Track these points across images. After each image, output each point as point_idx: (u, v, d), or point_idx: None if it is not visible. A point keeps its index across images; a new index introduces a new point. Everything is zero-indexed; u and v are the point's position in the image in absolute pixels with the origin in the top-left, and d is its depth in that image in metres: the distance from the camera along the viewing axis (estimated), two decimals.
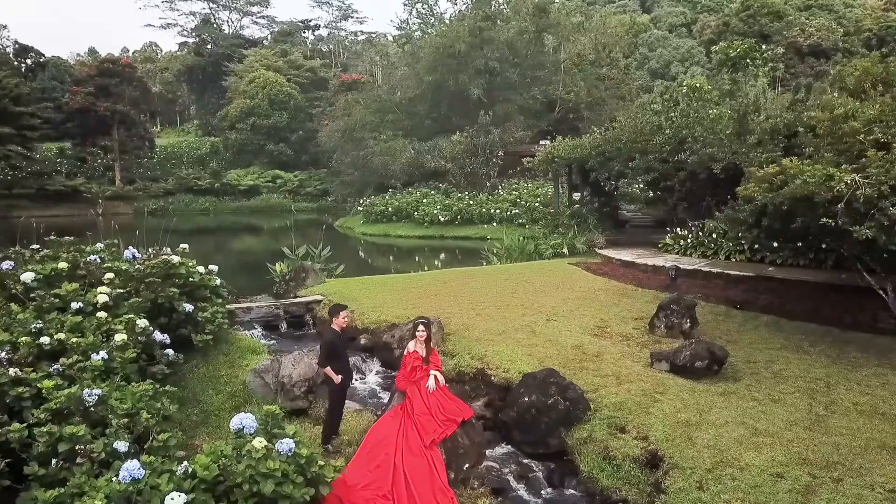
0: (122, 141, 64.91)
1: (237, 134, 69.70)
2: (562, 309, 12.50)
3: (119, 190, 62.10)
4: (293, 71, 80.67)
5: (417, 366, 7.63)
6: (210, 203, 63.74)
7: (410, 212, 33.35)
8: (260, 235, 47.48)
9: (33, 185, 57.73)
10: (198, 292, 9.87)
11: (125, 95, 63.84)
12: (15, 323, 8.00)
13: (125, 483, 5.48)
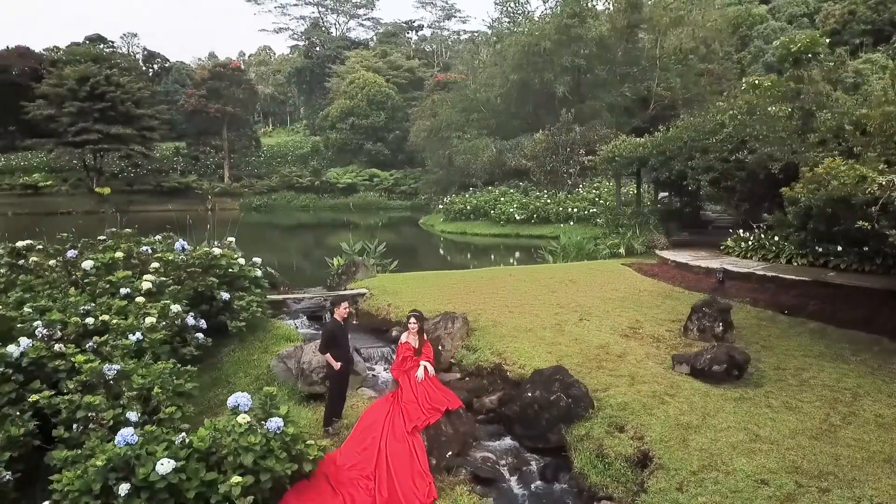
0: (231, 140, 68.91)
1: (337, 133, 72.27)
2: (598, 309, 12.48)
3: (227, 187, 66.00)
4: (392, 71, 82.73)
5: (408, 356, 8.01)
6: (310, 200, 66.50)
7: (487, 210, 33.67)
8: (355, 232, 48.90)
9: (151, 181, 62.50)
10: (237, 282, 10.67)
11: (234, 97, 67.68)
12: (69, 305, 9.02)
13: (121, 447, 6.16)
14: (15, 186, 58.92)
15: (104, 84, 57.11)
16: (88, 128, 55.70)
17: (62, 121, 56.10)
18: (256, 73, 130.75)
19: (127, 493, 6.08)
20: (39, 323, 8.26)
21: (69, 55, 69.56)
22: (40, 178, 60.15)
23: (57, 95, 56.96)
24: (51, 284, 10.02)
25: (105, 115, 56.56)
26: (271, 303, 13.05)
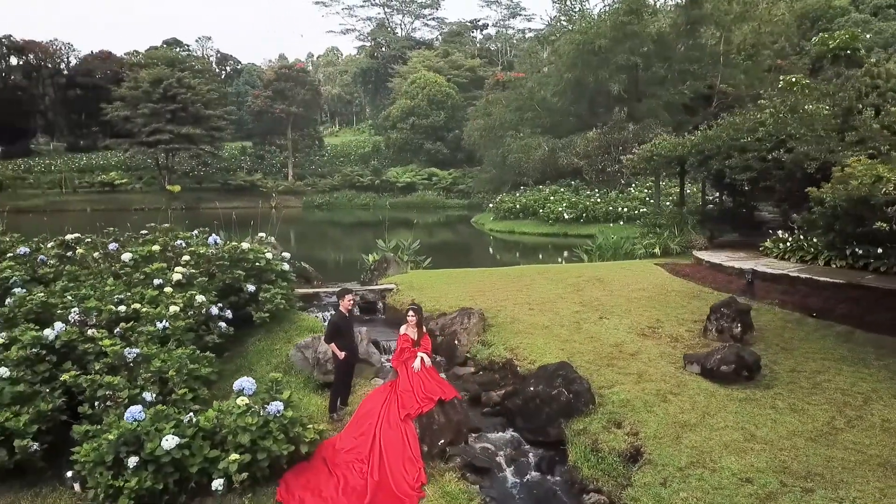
0: (295, 140, 70.84)
1: (398, 133, 73.24)
2: (620, 308, 12.52)
3: (291, 185, 67.88)
4: (453, 71, 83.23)
5: (407, 347, 8.35)
6: (370, 199, 67.63)
7: (536, 209, 33.66)
8: (413, 230, 49.28)
9: (219, 179, 64.96)
10: (264, 275, 11.25)
11: (298, 98, 69.53)
12: (106, 293, 9.76)
13: (130, 423, 6.73)
14: (94, 184, 62.30)
15: (176, 86, 59.70)
16: (161, 128, 58.36)
17: (137, 122, 59.00)
18: (324, 73, 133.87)
19: (135, 465, 6.66)
20: (77, 309, 8.99)
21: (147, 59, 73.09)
22: (117, 176, 63.39)
23: (133, 97, 59.91)
24: (94, 275, 10.84)
25: (176, 116, 59.14)
26: (304, 296, 13.65)
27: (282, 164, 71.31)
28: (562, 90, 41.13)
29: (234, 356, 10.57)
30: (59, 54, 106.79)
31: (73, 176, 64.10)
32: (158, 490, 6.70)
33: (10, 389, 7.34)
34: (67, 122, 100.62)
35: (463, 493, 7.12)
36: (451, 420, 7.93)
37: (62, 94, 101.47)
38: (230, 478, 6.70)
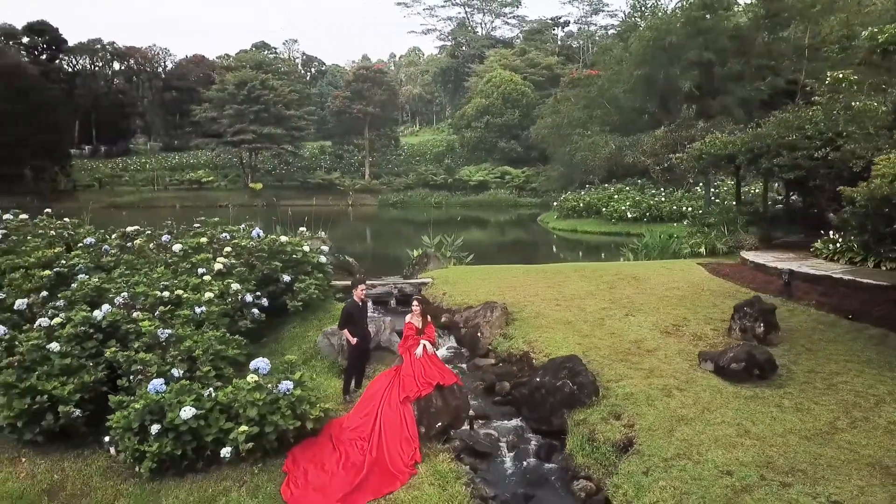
0: (372, 140, 72.55)
1: (472, 132, 73.79)
2: (649, 305, 12.58)
3: (367, 184, 69.66)
4: (529, 69, 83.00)
5: (411, 335, 8.84)
6: (442, 197, 68.42)
7: (600, 208, 33.42)
8: (486, 228, 49.39)
9: (299, 178, 67.44)
10: (300, 267, 12.00)
11: (376, 98, 71.19)
12: (154, 280, 10.73)
13: (153, 394, 7.53)
14: (183, 181, 66.00)
15: (259, 88, 62.43)
16: (244, 128, 61.20)
17: (223, 122, 62.10)
18: (406, 73, 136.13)
19: (157, 432, 7.45)
20: (125, 293, 9.97)
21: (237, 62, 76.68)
22: (204, 174, 66.90)
23: (219, 99, 63.11)
24: (149, 263, 11.89)
25: (259, 117, 61.85)
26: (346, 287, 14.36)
27: (359, 163, 73.25)
28: (631, 87, 40.57)
29: (270, 341, 11.38)
30: (156, 59, 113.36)
31: (165, 174, 68.11)
32: (177, 455, 7.48)
33: (59, 362, 8.30)
34: (164, 123, 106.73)
35: (452, 473, 7.55)
36: (449, 404, 8.37)
37: (159, 97, 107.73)
38: (238, 447, 7.40)
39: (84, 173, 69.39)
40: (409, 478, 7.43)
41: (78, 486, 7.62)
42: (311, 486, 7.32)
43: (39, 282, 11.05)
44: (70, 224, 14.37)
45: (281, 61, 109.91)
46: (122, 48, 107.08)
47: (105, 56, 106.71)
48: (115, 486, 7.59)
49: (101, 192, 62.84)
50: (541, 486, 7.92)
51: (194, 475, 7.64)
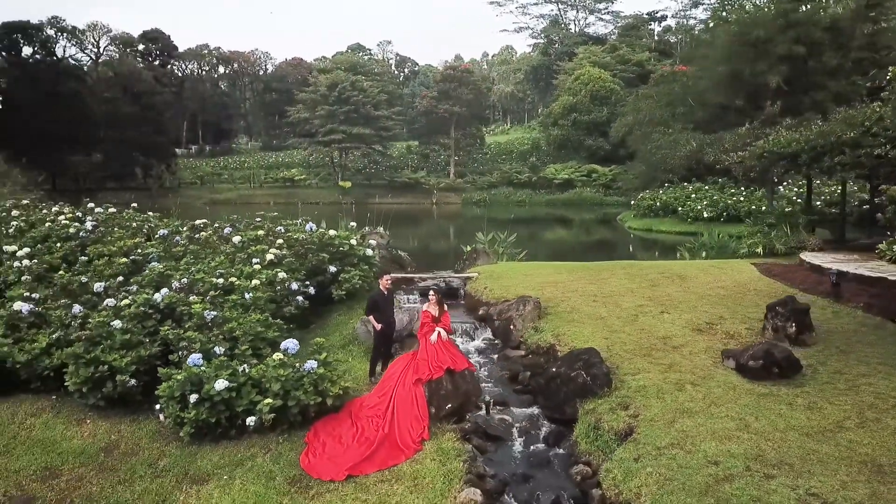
0: (458, 139, 73.45)
1: (559, 130, 73.36)
2: (687, 304, 12.61)
3: (452, 182, 70.63)
4: (620, 66, 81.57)
5: (427, 322, 9.41)
6: (526, 196, 68.38)
7: (676, 207, 32.73)
8: (570, 228, 48.94)
9: (385, 177, 69.25)
10: (347, 259, 12.82)
11: (462, 98, 72.01)
12: (212, 268, 11.82)
13: (191, 367, 8.47)
14: (278, 179, 69.21)
15: (349, 89, 64.64)
16: (335, 128, 63.54)
17: (314, 123, 64.67)
18: (498, 72, 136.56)
19: (195, 401, 8.38)
20: (185, 279, 11.09)
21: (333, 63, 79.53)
22: (297, 173, 69.93)
23: (312, 101, 65.76)
24: (213, 253, 13.04)
25: (349, 118, 64.04)
26: (399, 279, 15.13)
27: (445, 162, 74.36)
28: (716, 84, 39.38)
29: (317, 327, 12.28)
30: (258, 62, 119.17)
31: (261, 172, 71.67)
32: (212, 422, 8.41)
33: (121, 337, 9.42)
34: (264, 123, 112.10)
35: (454, 451, 8.09)
36: (459, 388, 8.89)
37: (259, 99, 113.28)
38: (262, 417, 8.23)
39: (187, 171, 74.07)
40: (414, 453, 8.03)
41: (130, 446, 8.69)
42: (327, 456, 8.05)
43: (118, 268, 12.39)
44: (151, 217, 15.84)
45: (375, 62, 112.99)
46: (226, 53, 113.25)
47: (211, 60, 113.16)
48: (161, 447, 8.61)
49: (203, 188, 66.93)
50: (542, 469, 8.34)
51: (227, 441, 8.55)
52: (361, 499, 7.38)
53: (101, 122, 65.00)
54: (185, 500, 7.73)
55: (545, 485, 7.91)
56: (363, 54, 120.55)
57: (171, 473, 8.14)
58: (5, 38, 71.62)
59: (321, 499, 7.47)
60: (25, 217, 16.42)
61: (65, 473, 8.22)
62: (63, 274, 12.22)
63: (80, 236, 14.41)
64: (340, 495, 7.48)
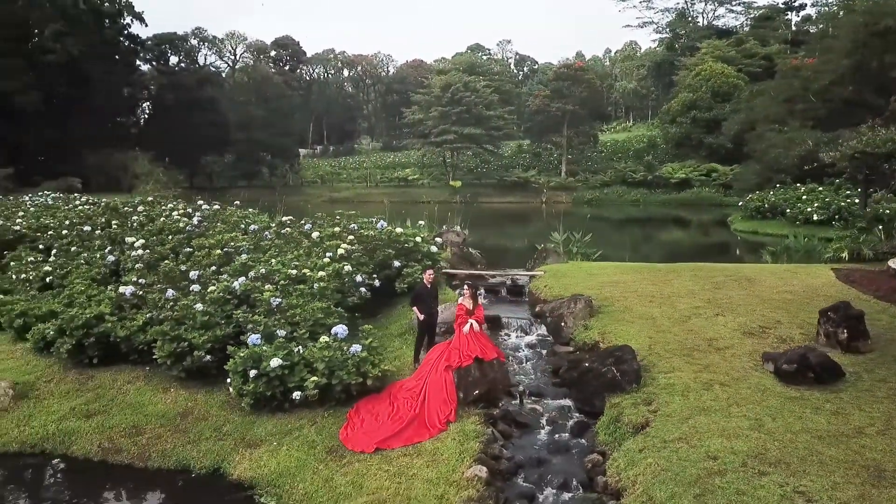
0: (570, 137, 72.91)
1: (677, 128, 71.10)
2: (745, 307, 12.47)
3: (563, 181, 70.19)
4: (745, 60, 77.67)
5: (461, 314, 10.08)
6: (640, 195, 66.73)
7: (785, 209, 31.16)
8: (687, 229, 47.31)
9: (495, 176, 70.01)
10: (411, 255, 13.74)
11: (575, 96, 71.37)
12: (288, 261, 13.12)
13: (252, 346, 9.68)
14: (393, 179, 71.81)
15: (462, 90, 65.90)
16: (447, 129, 64.99)
17: (428, 123, 66.51)
18: (620, 68, 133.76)
19: (254, 376, 9.56)
20: (262, 269, 12.43)
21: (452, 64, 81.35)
22: (410, 173, 72.20)
23: (426, 102, 67.67)
24: (296, 247, 14.38)
25: (461, 118, 65.30)
26: (468, 276, 15.90)
27: (557, 161, 74.06)
28: (839, 78, 36.96)
29: (382, 316, 13.29)
30: (380, 65, 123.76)
31: (377, 172, 74.60)
32: (268, 395, 9.56)
33: (200, 318, 10.82)
34: (385, 124, 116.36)
35: (474, 432, 8.77)
36: (487, 376, 9.53)
37: (381, 100, 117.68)
38: (306, 393, 9.29)
39: (309, 171, 78.42)
40: (438, 432, 8.79)
41: (202, 412, 10.05)
42: (363, 431, 8.99)
43: (213, 259, 14.00)
44: (250, 214, 17.53)
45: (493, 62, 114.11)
46: (351, 56, 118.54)
47: (337, 64, 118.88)
48: (226, 415, 9.90)
49: (323, 187, 70.61)
50: (559, 455, 8.84)
51: (281, 413, 9.69)
52: (384, 468, 8.24)
53: (233, 124, 70.15)
54: (240, 460, 8.93)
55: (558, 470, 8.42)
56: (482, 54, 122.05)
57: (231, 437, 9.40)
58: (155, 49, 78.86)
59: (350, 467, 8.40)
60: (147, 212, 18.64)
61: (147, 432, 9.68)
62: (168, 263, 13.99)
63: (187, 230, 16.27)
64: (367, 465, 8.38)
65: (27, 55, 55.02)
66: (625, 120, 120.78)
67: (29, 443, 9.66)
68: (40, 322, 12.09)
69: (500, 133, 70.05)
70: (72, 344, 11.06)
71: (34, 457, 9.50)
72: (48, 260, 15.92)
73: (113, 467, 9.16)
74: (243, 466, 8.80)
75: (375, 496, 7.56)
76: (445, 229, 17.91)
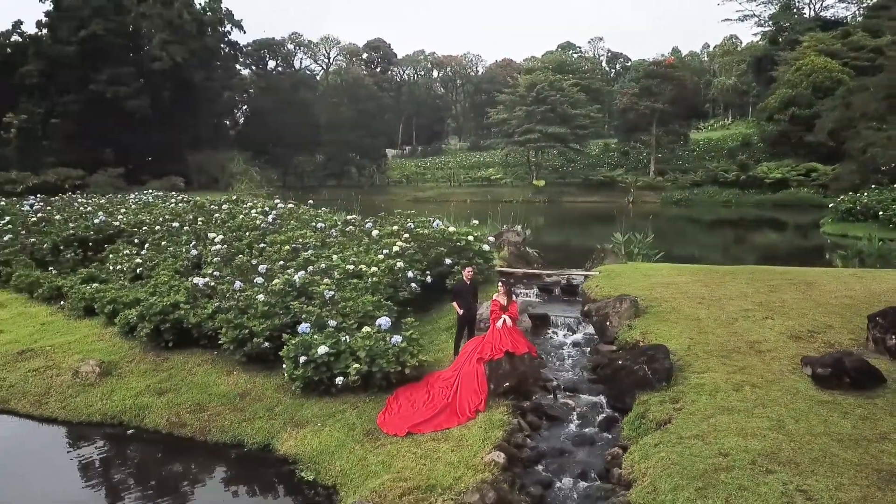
0: (659, 136, 71.31)
1: (774, 125, 68.20)
2: (796, 311, 12.26)
3: (650, 181, 68.85)
4: (851, 53, 73.40)
5: (496, 310, 10.50)
6: (732, 195, 64.45)
7: (877, 211, 29.51)
8: (782, 232, 45.39)
9: (580, 175, 69.47)
10: (463, 253, 14.28)
11: (664, 94, 69.77)
12: (347, 257, 13.95)
13: (302, 334, 10.51)
14: (476, 179, 72.58)
15: (547, 90, 65.86)
16: (531, 128, 65.17)
17: (512, 123, 66.84)
18: (720, 64, 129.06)
19: (303, 361, 10.38)
20: (323, 264, 13.32)
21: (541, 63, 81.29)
22: (493, 172, 72.71)
23: (511, 102, 68.00)
24: (357, 244, 15.24)
25: (545, 117, 65.29)
26: (525, 275, 16.31)
27: (646, 160, 72.62)
28: None
29: (434, 310, 13.93)
30: (469, 65, 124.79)
31: (461, 171, 75.55)
32: (315, 380, 10.36)
33: (261, 308, 11.77)
34: (474, 124, 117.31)
35: (500, 422, 9.22)
36: (517, 369, 9.94)
37: (470, 100, 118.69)
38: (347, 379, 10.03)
39: (395, 171, 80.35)
40: (466, 420, 9.31)
41: (258, 394, 10.98)
42: (398, 416, 9.63)
43: (282, 254, 15.05)
44: (321, 213, 18.59)
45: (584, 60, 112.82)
46: (440, 57, 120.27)
47: (426, 65, 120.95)
48: (279, 397, 10.78)
49: (408, 186, 72.38)
50: (583, 447, 9.16)
51: (328, 397, 10.47)
52: (413, 451, 8.83)
53: (324, 125, 72.95)
54: (287, 438, 9.77)
55: (579, 461, 8.76)
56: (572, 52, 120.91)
57: (281, 418, 10.26)
58: (254, 54, 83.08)
59: (383, 448, 9.05)
60: (229, 210, 20.08)
61: (209, 409, 10.70)
62: (242, 257, 15.15)
63: (262, 227, 17.48)
64: (398, 447, 9.00)
65: (137, 63, 59.36)
66: (723, 117, 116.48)
67: (109, 414, 10.89)
68: (127, 308, 13.44)
69: (585, 132, 69.49)
70: (150, 328, 12.29)
71: (113, 426, 10.73)
72: (140, 253, 17.51)
73: (177, 439, 10.23)
74: (289, 444, 9.63)
75: (399, 475, 8.16)
76: (506, 228, 18.35)
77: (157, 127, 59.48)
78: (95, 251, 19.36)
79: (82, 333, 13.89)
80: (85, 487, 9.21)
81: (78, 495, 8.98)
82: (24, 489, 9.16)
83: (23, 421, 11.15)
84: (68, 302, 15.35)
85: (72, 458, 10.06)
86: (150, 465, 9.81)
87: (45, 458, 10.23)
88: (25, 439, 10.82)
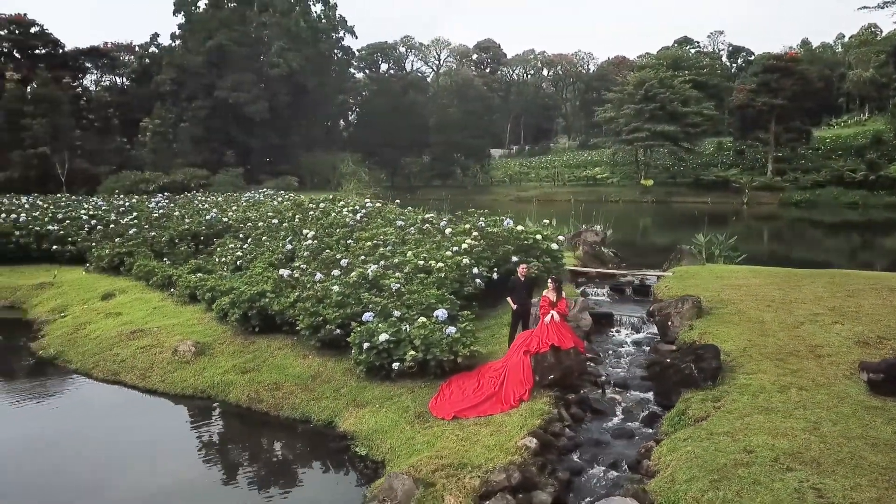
0: (778, 134, 67.61)
1: None
2: (870, 317, 11.82)
3: (767, 181, 65.38)
4: None
5: (545, 305, 10.87)
6: (860, 197, 60.17)
7: None
8: None
9: (691, 175, 67.13)
10: (531, 251, 14.72)
11: (785, 90, 66.03)
12: (420, 252, 14.76)
13: (366, 322, 11.42)
14: (580, 178, 71.86)
15: (657, 87, 64.19)
16: (639, 126, 63.74)
17: (620, 121, 65.67)
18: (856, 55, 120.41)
19: (366, 348, 11.27)
20: (396, 259, 14.21)
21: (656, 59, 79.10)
22: (598, 171, 71.67)
23: (618, 100, 66.81)
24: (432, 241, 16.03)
25: (654, 115, 63.67)
26: (598, 275, 16.53)
27: (764, 159, 69.08)
28: None
29: (500, 306, 14.45)
30: (580, 63, 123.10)
31: (565, 171, 74.98)
32: (377, 365, 11.22)
33: (335, 298, 12.79)
34: (584, 123, 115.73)
35: (540, 411, 9.67)
36: (562, 363, 10.31)
37: (580, 99, 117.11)
38: (403, 365, 10.81)
39: (499, 171, 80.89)
40: (509, 408, 9.85)
41: (328, 376, 11.99)
42: (448, 401, 10.31)
43: (364, 249, 16.10)
44: (406, 211, 19.57)
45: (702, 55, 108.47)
46: (550, 56, 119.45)
47: (536, 64, 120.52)
48: (345, 380, 11.73)
49: (510, 186, 72.72)
50: (621, 440, 9.48)
51: (389, 382, 11.29)
52: (455, 433, 9.46)
53: (433, 127, 74.68)
54: (348, 417, 10.69)
55: (614, 452, 9.09)
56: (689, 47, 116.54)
57: (345, 399, 11.20)
58: (368, 58, 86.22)
59: (430, 430, 9.75)
60: (324, 208, 21.48)
61: (284, 388, 11.82)
62: (329, 252, 16.33)
63: (350, 224, 18.66)
64: (443, 429, 9.67)
65: (257, 70, 63.38)
66: (858, 112, 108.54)
67: (200, 388, 12.27)
68: (223, 296, 14.90)
69: (697, 130, 67.03)
70: (239, 314, 13.64)
71: (202, 400, 12.09)
72: (242, 247, 19.17)
73: (254, 413, 11.42)
74: (350, 422, 10.53)
75: (438, 453, 8.81)
76: (585, 228, 18.55)
77: (274, 130, 63.37)
78: (206, 244, 21.34)
79: (185, 317, 15.53)
80: (174, 450, 10.57)
81: (170, 454, 10.33)
82: (135, 446, 10.61)
83: (130, 391, 12.77)
84: (177, 289, 17.13)
85: (168, 425, 11.51)
86: (229, 434, 11.04)
87: (146, 422, 11.73)
88: (131, 408, 12.39)
